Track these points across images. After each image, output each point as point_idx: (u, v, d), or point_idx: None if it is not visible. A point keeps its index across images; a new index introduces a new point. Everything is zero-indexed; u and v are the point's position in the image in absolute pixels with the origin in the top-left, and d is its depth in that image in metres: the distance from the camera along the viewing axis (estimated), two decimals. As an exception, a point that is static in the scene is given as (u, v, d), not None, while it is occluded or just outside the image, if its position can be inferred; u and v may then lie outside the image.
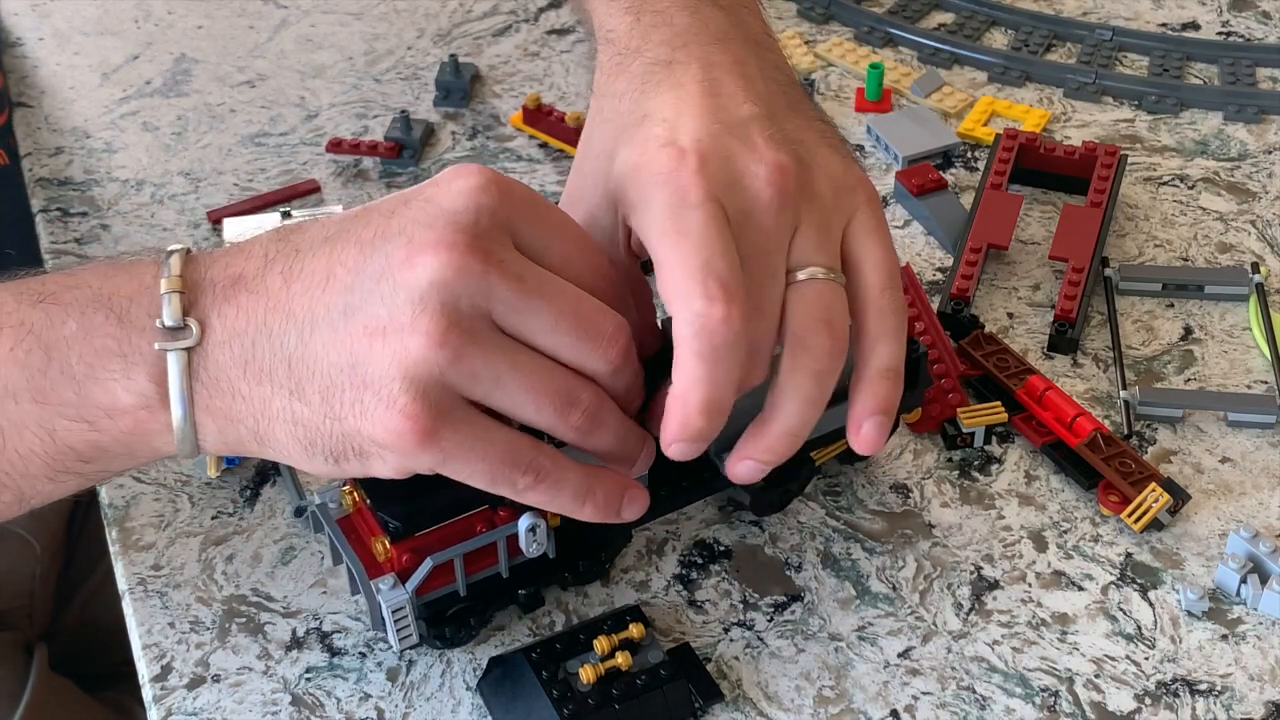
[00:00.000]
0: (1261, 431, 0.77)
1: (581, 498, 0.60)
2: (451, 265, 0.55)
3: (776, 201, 0.60)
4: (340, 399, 0.56)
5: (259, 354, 0.58)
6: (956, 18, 1.08)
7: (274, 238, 0.60)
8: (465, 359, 0.55)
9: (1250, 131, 0.97)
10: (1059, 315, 0.82)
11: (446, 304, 0.55)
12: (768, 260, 0.60)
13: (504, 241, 0.57)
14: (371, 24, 1.09)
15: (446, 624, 0.66)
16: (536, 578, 0.68)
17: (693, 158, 0.60)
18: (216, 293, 0.59)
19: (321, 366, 0.57)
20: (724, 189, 0.60)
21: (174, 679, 0.67)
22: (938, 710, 0.65)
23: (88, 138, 0.99)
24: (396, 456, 0.57)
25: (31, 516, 1.03)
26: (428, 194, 0.57)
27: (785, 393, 0.61)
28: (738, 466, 0.63)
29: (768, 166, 0.61)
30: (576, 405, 0.58)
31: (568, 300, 0.57)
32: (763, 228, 0.60)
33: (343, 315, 0.56)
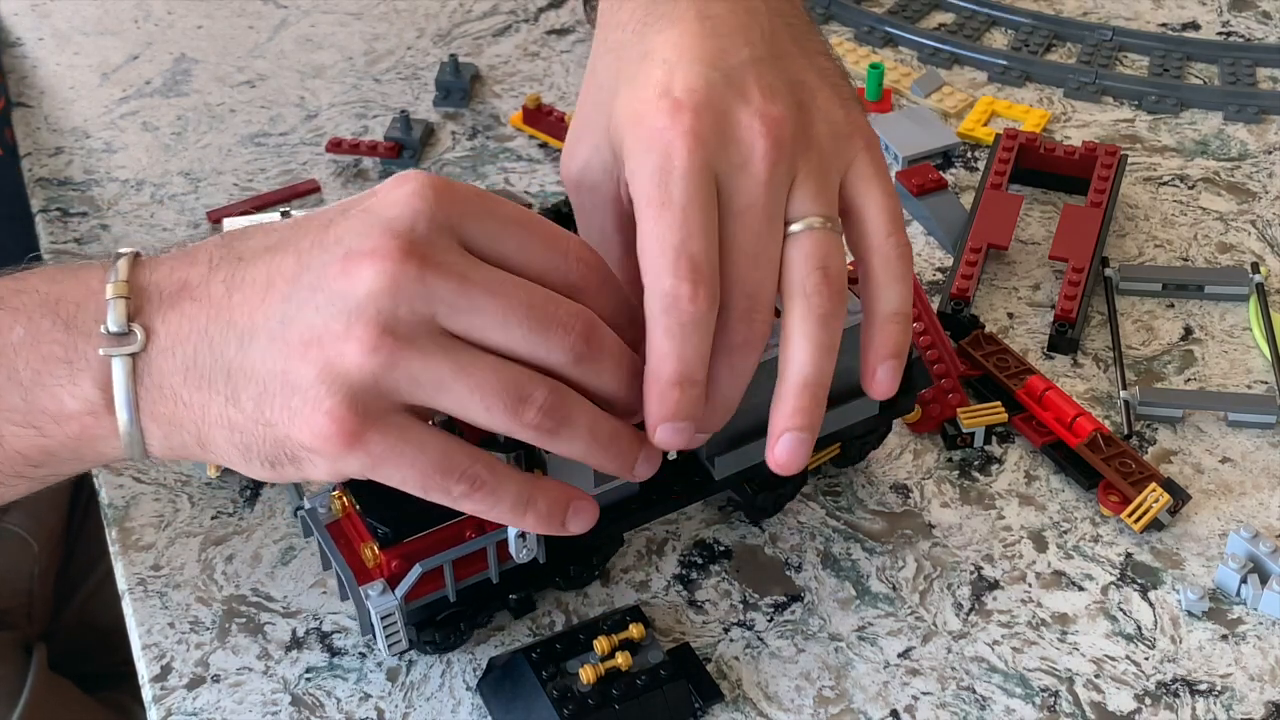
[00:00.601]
0: (1261, 431, 0.77)
1: (521, 508, 0.59)
2: (385, 274, 0.55)
3: (772, 154, 0.60)
4: (271, 404, 0.57)
5: (200, 361, 0.58)
6: (956, 18, 1.08)
7: (219, 244, 0.60)
8: (400, 364, 0.55)
9: (1250, 131, 0.97)
10: (1059, 315, 0.82)
11: (383, 312, 0.55)
12: (764, 212, 0.60)
13: (445, 244, 0.56)
14: (371, 24, 1.09)
15: (436, 629, 0.66)
16: (527, 583, 0.67)
17: (687, 114, 0.60)
18: (162, 299, 0.59)
19: (257, 374, 0.57)
20: (717, 145, 0.60)
21: (174, 679, 0.67)
22: (938, 710, 0.65)
23: (88, 138, 0.99)
24: (325, 461, 0.57)
25: (30, 516, 1.03)
26: (366, 203, 0.57)
27: (793, 343, 0.60)
28: (778, 449, 0.61)
29: (763, 119, 0.61)
30: (529, 402, 0.57)
31: (517, 292, 0.57)
32: (758, 180, 0.60)
33: (280, 324, 0.56)
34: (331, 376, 0.55)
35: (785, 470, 0.61)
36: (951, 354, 0.79)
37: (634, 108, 0.61)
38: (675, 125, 0.60)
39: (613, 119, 0.63)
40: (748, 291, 0.60)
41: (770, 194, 0.61)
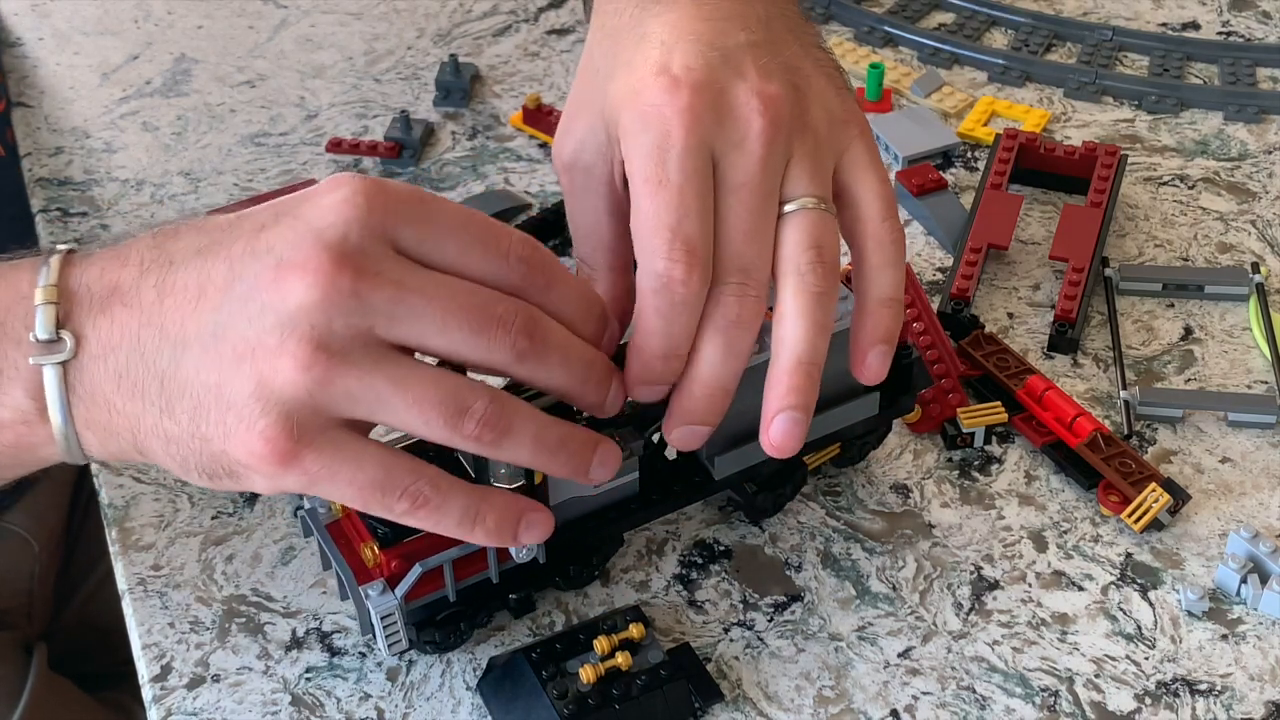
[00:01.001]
0: (1261, 431, 0.77)
1: (469, 523, 0.58)
2: (318, 287, 0.53)
3: (768, 131, 0.61)
4: (206, 419, 0.56)
5: (132, 370, 0.57)
6: (956, 18, 1.08)
7: (150, 244, 0.58)
8: (336, 381, 0.54)
9: (1250, 131, 0.97)
10: (1059, 315, 0.82)
11: (316, 326, 0.54)
12: (759, 189, 0.60)
13: (378, 252, 0.55)
14: (371, 24, 1.09)
15: (436, 629, 0.66)
16: (527, 583, 0.67)
17: (685, 91, 0.60)
18: (93, 303, 0.57)
19: (191, 387, 0.56)
20: (714, 122, 0.60)
21: (174, 679, 0.67)
22: (938, 710, 0.65)
23: (88, 138, 0.99)
24: (263, 478, 0.56)
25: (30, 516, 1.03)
26: (298, 209, 0.56)
27: (787, 321, 0.60)
28: (773, 430, 0.60)
29: (760, 97, 0.61)
30: (468, 414, 0.56)
31: (454, 294, 0.55)
32: (754, 157, 0.60)
33: (212, 336, 0.55)
34: (265, 393, 0.54)
35: (781, 452, 0.61)
36: (951, 354, 0.79)
37: (631, 86, 0.61)
38: (673, 102, 0.60)
39: (608, 99, 0.63)
40: (742, 266, 0.60)
41: (766, 172, 0.61)
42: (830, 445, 0.72)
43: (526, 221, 0.90)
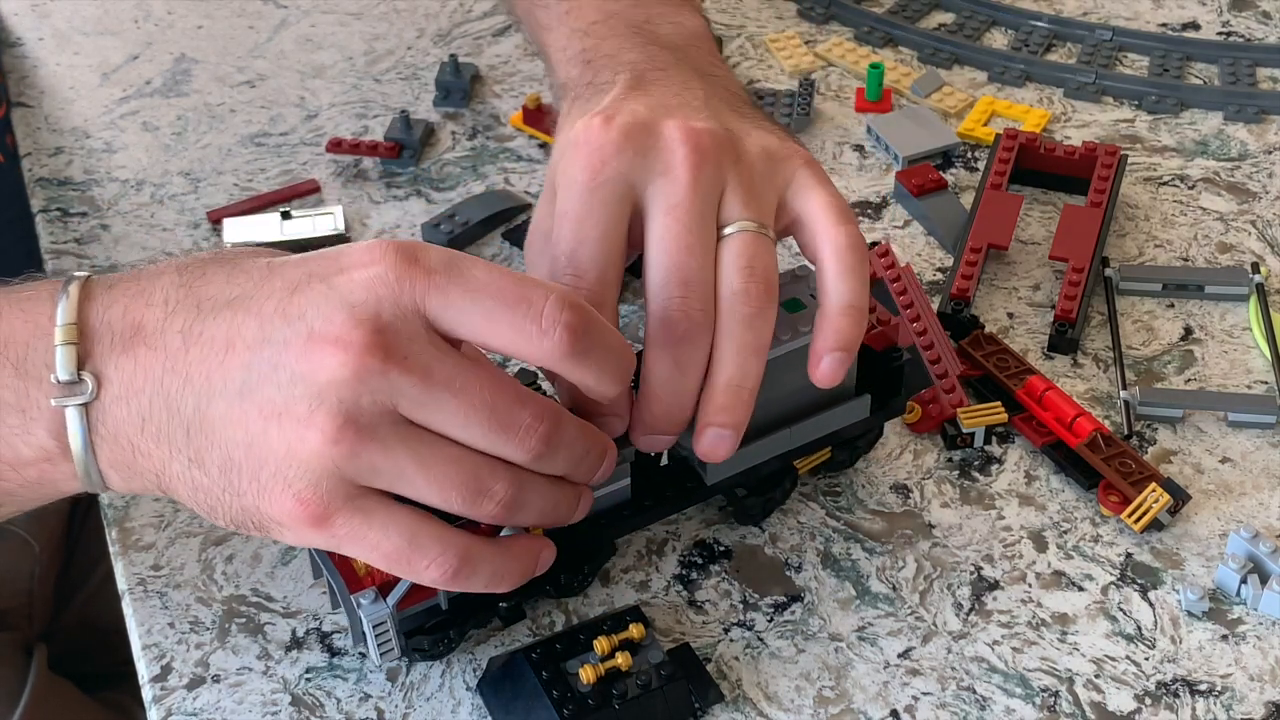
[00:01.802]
0: (1261, 431, 0.77)
1: (495, 584, 0.60)
2: (349, 366, 0.54)
3: (693, 158, 0.63)
4: (239, 475, 0.56)
5: (156, 414, 0.57)
6: (956, 18, 1.08)
7: (176, 281, 0.58)
8: (362, 455, 0.55)
9: (1250, 131, 0.97)
10: (1059, 315, 0.82)
11: (345, 401, 0.54)
12: (690, 209, 0.62)
13: (410, 331, 0.55)
14: (371, 24, 1.09)
15: (425, 636, 0.66)
16: (518, 590, 0.67)
17: (611, 128, 0.63)
18: (114, 342, 0.58)
19: (219, 440, 0.56)
20: (636, 154, 0.63)
21: (174, 679, 0.67)
22: (938, 710, 0.65)
23: (88, 138, 0.99)
24: (293, 534, 0.57)
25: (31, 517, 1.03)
26: (332, 276, 0.56)
27: (721, 343, 0.61)
28: (702, 440, 0.62)
29: (684, 130, 0.63)
30: (489, 496, 0.58)
31: (479, 392, 0.56)
32: (681, 182, 0.62)
33: (239, 393, 0.56)
34: (296, 460, 0.55)
35: (711, 459, 0.63)
36: (951, 354, 0.79)
37: (566, 139, 0.65)
38: (596, 139, 0.63)
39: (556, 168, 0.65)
40: (683, 279, 0.61)
41: (696, 195, 0.62)
42: (822, 449, 0.72)
43: (527, 221, 0.90)
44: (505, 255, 0.89)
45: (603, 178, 0.62)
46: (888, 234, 0.89)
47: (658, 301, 0.61)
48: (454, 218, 0.90)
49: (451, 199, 0.93)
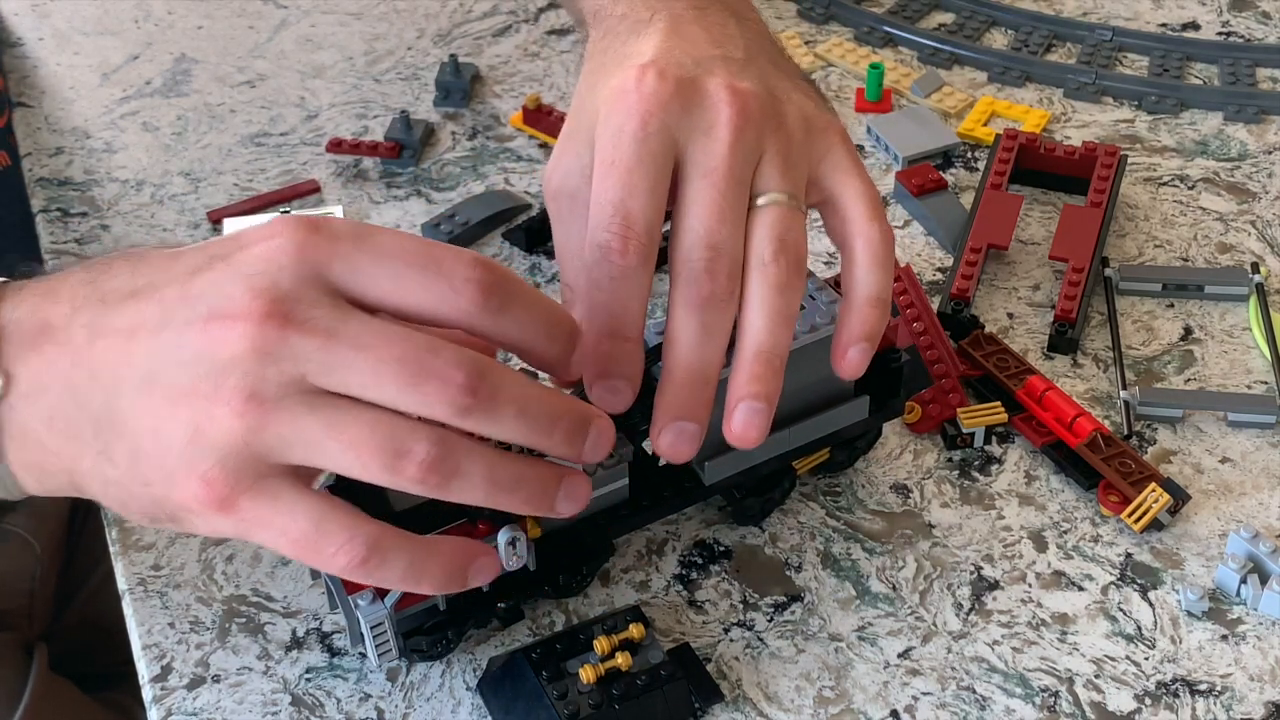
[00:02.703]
0: (1261, 431, 0.77)
1: (412, 580, 0.57)
2: (248, 337, 0.53)
3: (737, 120, 0.61)
4: (148, 464, 0.55)
5: (64, 410, 0.56)
6: (956, 18, 1.08)
7: (83, 279, 0.58)
8: (270, 428, 0.54)
9: (1250, 131, 0.97)
10: (1059, 315, 0.82)
11: (249, 375, 0.53)
12: (728, 174, 0.61)
13: (311, 296, 0.54)
14: (371, 24, 1.09)
15: (423, 637, 0.66)
16: (517, 591, 0.67)
17: (653, 77, 0.61)
18: (23, 340, 0.57)
19: (127, 430, 0.55)
20: (681, 108, 0.62)
21: (174, 679, 0.67)
22: (938, 710, 0.65)
23: (88, 138, 0.99)
24: (203, 521, 0.56)
25: (32, 517, 1.03)
26: (231, 255, 0.55)
27: (750, 311, 0.60)
28: (735, 420, 0.60)
29: (730, 90, 0.62)
30: (408, 457, 0.54)
31: (388, 346, 0.54)
32: (722, 143, 0.61)
33: (145, 380, 0.55)
34: (203, 439, 0.54)
35: (743, 443, 0.60)
36: (951, 354, 0.79)
37: (611, 87, 0.63)
38: (639, 89, 0.61)
39: (596, 113, 0.63)
40: (713, 244, 0.60)
41: (735, 159, 0.61)
42: (820, 449, 0.72)
43: (527, 222, 0.90)
44: (505, 255, 0.89)
45: (652, 129, 0.61)
46: (888, 234, 0.89)
47: (686, 264, 0.60)
48: (454, 218, 0.90)
49: (451, 199, 0.93)
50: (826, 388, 0.70)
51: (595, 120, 0.63)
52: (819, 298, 0.68)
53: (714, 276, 0.59)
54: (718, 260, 0.60)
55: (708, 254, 0.60)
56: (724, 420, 0.60)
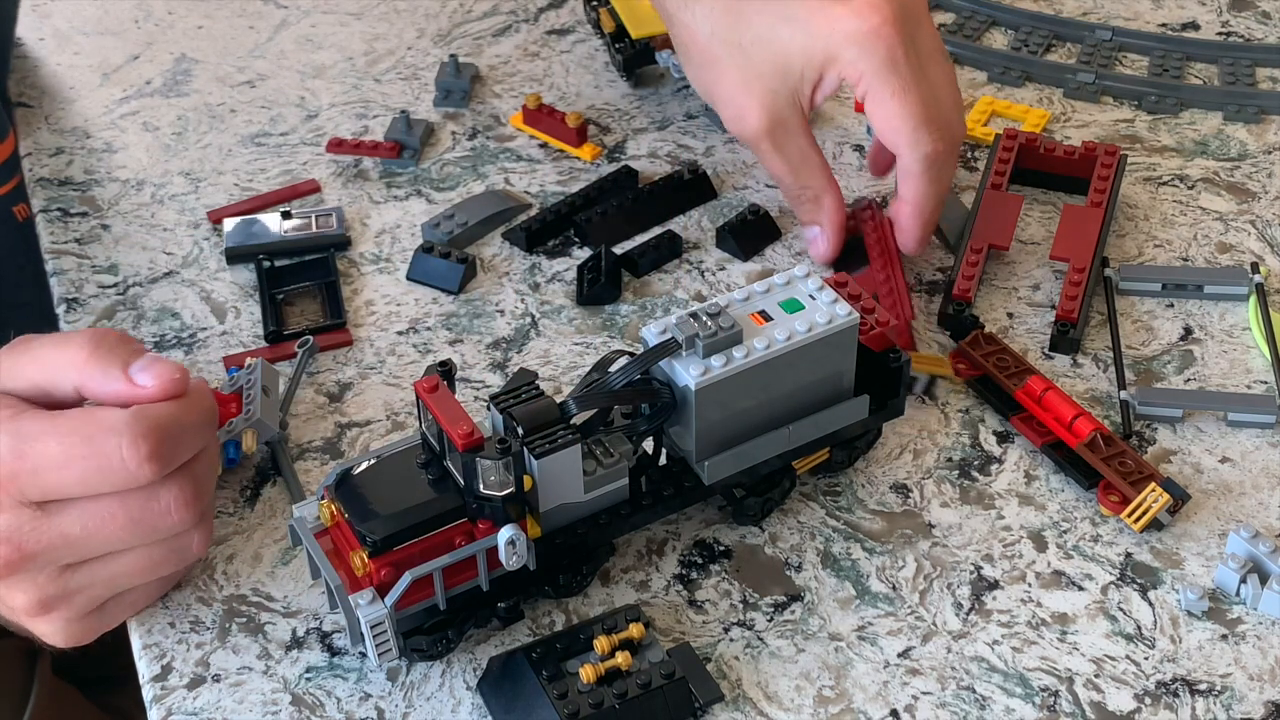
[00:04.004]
0: (1261, 431, 0.77)
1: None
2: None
3: (939, 37, 0.83)
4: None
5: None
6: (956, 18, 1.08)
7: None
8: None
9: (1250, 131, 0.97)
10: (1060, 315, 0.82)
11: (20, 601, 0.66)
12: (936, 70, 0.81)
13: (21, 527, 0.63)
14: (371, 24, 1.09)
15: (424, 636, 0.66)
16: (517, 590, 0.67)
17: (887, 11, 0.78)
18: None
19: None
20: (911, 33, 0.79)
21: (174, 679, 0.67)
22: (938, 710, 0.65)
23: (88, 138, 0.99)
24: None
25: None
26: None
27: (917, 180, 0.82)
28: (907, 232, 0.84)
29: (929, 18, 0.82)
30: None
31: (105, 526, 0.63)
32: (933, 34, 0.82)
33: None
34: None
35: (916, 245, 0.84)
36: (905, 296, 0.81)
37: (841, 28, 0.78)
38: (884, 25, 0.78)
39: (807, 46, 0.79)
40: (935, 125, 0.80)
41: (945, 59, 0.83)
42: (820, 449, 0.72)
43: (526, 222, 0.90)
44: (505, 255, 0.89)
45: (908, 56, 0.79)
46: (888, 234, 0.89)
47: (918, 147, 0.80)
48: (454, 218, 0.90)
49: (451, 199, 0.93)
50: (826, 386, 0.70)
51: (785, 58, 0.80)
52: (819, 298, 0.69)
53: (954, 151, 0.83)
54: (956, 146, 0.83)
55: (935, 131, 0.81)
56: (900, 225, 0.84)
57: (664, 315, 0.82)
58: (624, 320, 0.84)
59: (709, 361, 0.65)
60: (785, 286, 0.69)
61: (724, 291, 0.84)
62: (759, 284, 0.69)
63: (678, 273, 0.87)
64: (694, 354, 0.66)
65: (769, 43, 0.81)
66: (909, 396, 0.77)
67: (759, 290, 0.69)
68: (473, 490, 0.63)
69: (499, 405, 0.65)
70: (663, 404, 0.67)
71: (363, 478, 0.65)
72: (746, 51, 0.81)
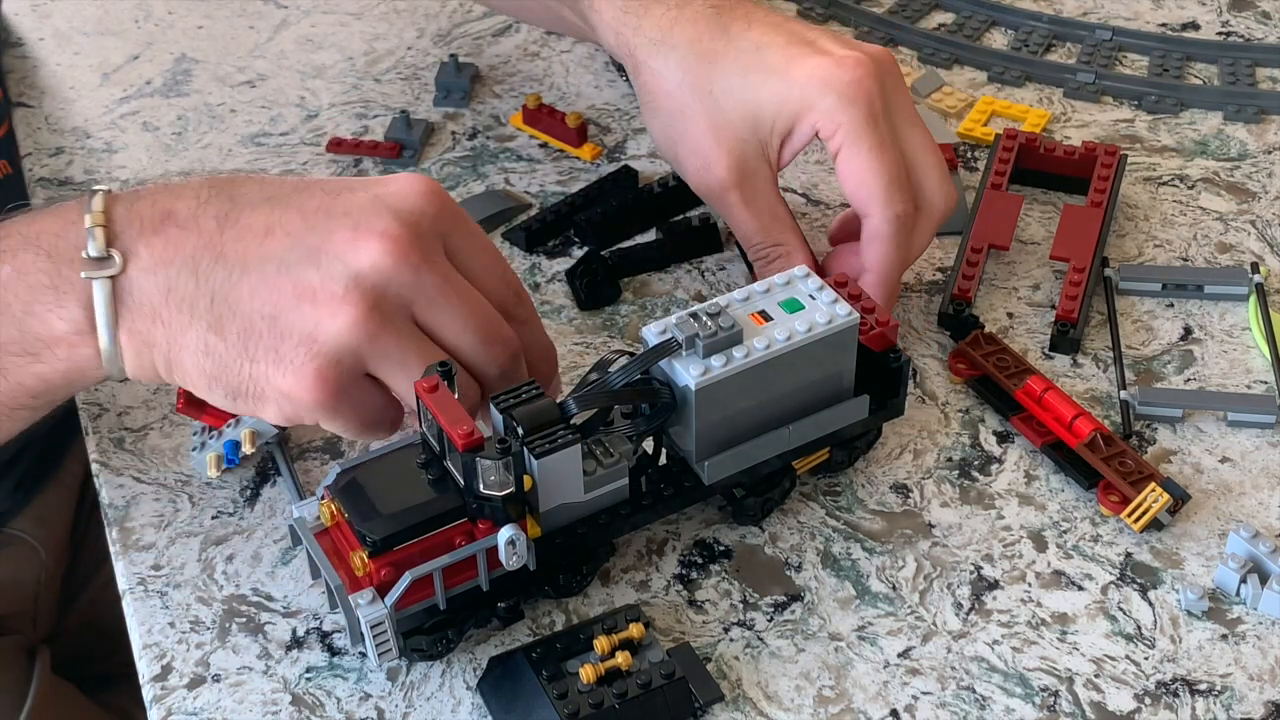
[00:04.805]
0: (1261, 431, 0.77)
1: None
2: (391, 254, 0.61)
3: (914, 106, 0.79)
4: (258, 343, 0.62)
5: (183, 284, 0.62)
6: (956, 18, 1.08)
7: (208, 184, 0.64)
8: (380, 341, 0.61)
9: (1250, 131, 0.97)
10: (1060, 315, 0.82)
11: (377, 287, 0.61)
12: (913, 135, 0.78)
13: (437, 246, 0.63)
14: (371, 24, 1.09)
15: (424, 636, 0.66)
16: (516, 590, 0.67)
17: (865, 67, 0.75)
18: (144, 226, 0.63)
19: (244, 309, 0.61)
20: (890, 93, 0.76)
21: (174, 679, 0.67)
22: (938, 710, 0.65)
23: (88, 138, 0.99)
24: (292, 407, 0.63)
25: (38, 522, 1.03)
26: (376, 189, 0.63)
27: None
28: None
29: (905, 84, 0.79)
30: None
31: (479, 306, 0.64)
32: (907, 97, 0.78)
33: (275, 270, 0.61)
34: (322, 336, 0.61)
35: None
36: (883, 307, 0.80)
37: (816, 76, 0.75)
38: (864, 79, 0.75)
39: (781, 97, 0.76)
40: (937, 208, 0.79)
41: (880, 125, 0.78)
42: (820, 449, 0.72)
43: (526, 222, 0.90)
44: (505, 254, 0.88)
45: (884, 109, 0.76)
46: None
47: (890, 206, 0.76)
48: (454, 218, 0.90)
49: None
50: (827, 386, 0.70)
51: (756, 106, 0.76)
52: (819, 298, 0.69)
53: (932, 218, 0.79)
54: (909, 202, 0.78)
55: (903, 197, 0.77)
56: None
57: (664, 315, 0.82)
58: (624, 320, 0.84)
59: (709, 361, 0.65)
60: (785, 286, 0.69)
61: (724, 291, 0.84)
62: (759, 284, 0.69)
63: (678, 273, 0.87)
64: (694, 354, 0.66)
65: (740, 90, 0.77)
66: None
67: (759, 290, 0.69)
68: (473, 490, 0.63)
69: (499, 405, 0.65)
70: (663, 404, 0.67)
71: (363, 478, 0.65)
72: (717, 99, 0.78)
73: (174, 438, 0.78)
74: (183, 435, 0.78)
